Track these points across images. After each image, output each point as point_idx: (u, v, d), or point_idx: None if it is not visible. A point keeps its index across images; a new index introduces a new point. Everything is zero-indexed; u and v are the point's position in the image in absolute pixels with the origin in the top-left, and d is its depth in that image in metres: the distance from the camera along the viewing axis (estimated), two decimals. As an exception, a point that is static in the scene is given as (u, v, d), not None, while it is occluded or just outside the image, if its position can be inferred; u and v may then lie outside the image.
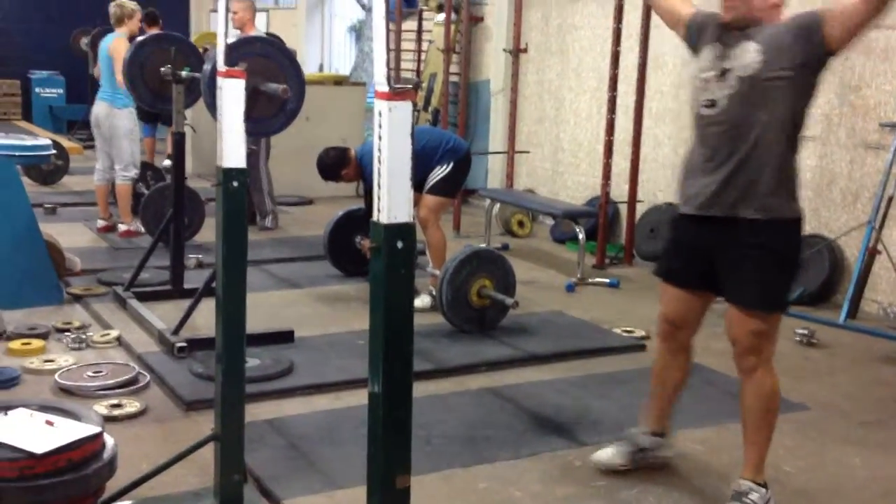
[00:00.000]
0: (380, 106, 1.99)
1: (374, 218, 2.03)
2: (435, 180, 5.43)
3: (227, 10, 3.03)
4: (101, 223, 7.32)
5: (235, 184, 2.94)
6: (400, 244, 2.03)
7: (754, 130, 2.95)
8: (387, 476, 2.10)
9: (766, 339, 3.06)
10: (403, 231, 2.03)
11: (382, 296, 2.05)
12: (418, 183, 5.42)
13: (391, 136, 1.99)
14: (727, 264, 3.07)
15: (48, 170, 9.22)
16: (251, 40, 5.24)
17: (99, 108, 7.03)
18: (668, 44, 7.18)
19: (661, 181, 7.33)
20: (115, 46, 6.82)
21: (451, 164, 5.45)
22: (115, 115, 6.97)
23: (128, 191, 7.14)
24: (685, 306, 3.27)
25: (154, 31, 8.34)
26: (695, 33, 3.20)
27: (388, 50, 1.99)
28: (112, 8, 7.07)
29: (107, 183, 7.28)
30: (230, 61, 2.96)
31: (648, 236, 7.18)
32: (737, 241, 3.02)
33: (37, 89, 14.27)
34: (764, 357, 3.07)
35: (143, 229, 6.96)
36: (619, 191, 7.19)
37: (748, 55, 2.95)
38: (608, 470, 3.41)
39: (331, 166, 5.66)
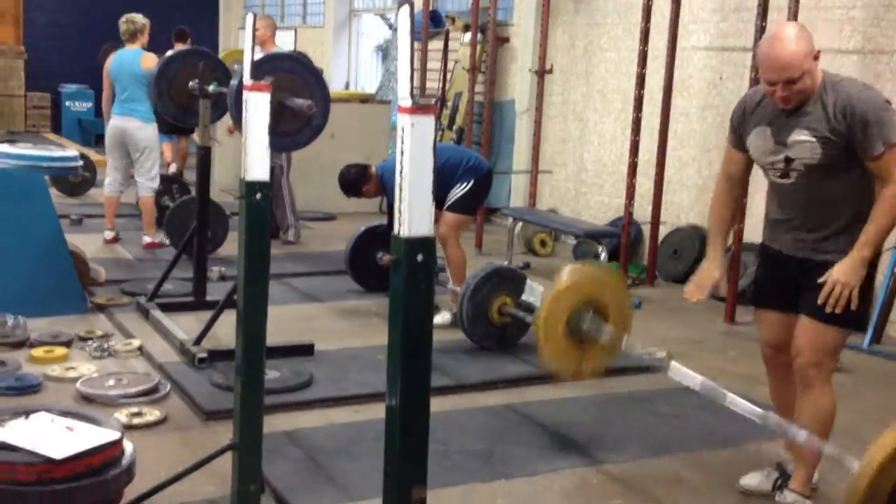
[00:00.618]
0: (402, 120, 2.01)
1: (395, 231, 2.05)
2: (455, 198, 5.45)
3: (254, 27, 3.07)
4: (109, 234, 7.37)
5: (259, 196, 2.97)
6: (420, 258, 2.05)
7: (829, 195, 3.10)
8: (403, 488, 2.10)
9: (829, 355, 3.13)
10: (424, 245, 2.04)
11: (402, 308, 2.06)
12: (438, 200, 5.44)
13: (413, 151, 2.00)
14: (809, 283, 3.14)
15: (75, 181, 9.32)
16: (278, 56, 5.31)
17: (129, 123, 7.10)
18: (693, 66, 7.19)
19: (685, 203, 7.31)
20: (150, 62, 6.86)
21: (471, 182, 5.47)
22: (146, 129, 7.11)
23: (152, 202, 7.23)
24: (782, 328, 3.32)
25: (183, 46, 8.44)
26: (740, 132, 3.30)
27: (412, 65, 2.02)
28: (122, 24, 7.19)
29: (119, 194, 7.37)
30: (256, 76, 3.00)
31: (671, 257, 7.16)
32: (821, 269, 3.11)
33: (67, 103, 14.45)
34: (823, 373, 3.13)
35: (167, 241, 7.02)
36: (643, 212, 7.18)
37: (806, 147, 3.06)
38: (748, 492, 3.41)
39: (352, 182, 5.72)
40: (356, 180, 5.71)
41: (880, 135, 2.93)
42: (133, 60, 7.11)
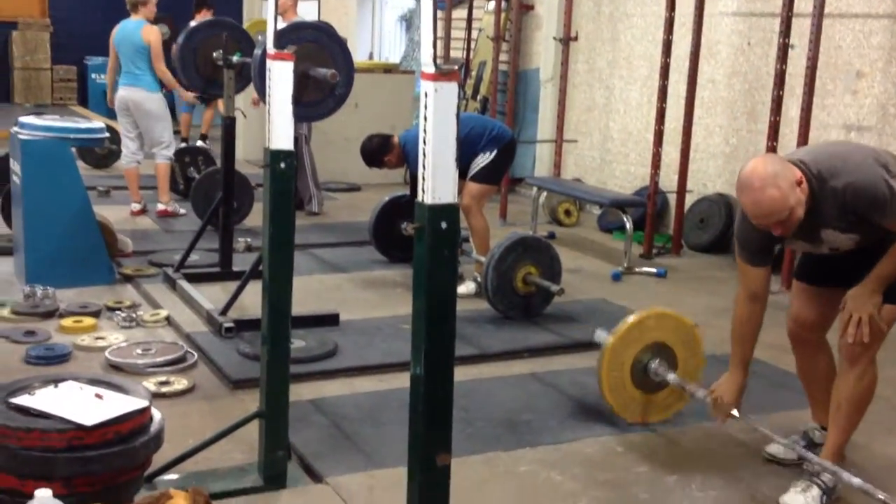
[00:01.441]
0: (426, 87, 2.00)
1: (419, 199, 2.04)
2: (479, 168, 5.43)
3: (277, -5, 3.06)
4: (136, 206, 7.40)
5: (283, 165, 2.98)
6: (444, 225, 2.05)
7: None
8: (427, 454, 2.12)
9: (877, 333, 3.05)
10: (447, 212, 2.04)
11: (425, 276, 2.07)
12: (462, 170, 5.42)
13: (436, 117, 2.00)
14: (864, 261, 3.07)
15: (102, 154, 9.37)
16: (302, 25, 5.28)
17: (135, 94, 7.18)
18: (721, 32, 7.10)
19: (712, 171, 7.24)
20: (151, 34, 7.09)
21: (494, 152, 5.44)
22: (152, 99, 7.19)
23: (168, 169, 7.35)
24: (819, 306, 3.29)
25: (206, 16, 8.44)
26: (756, 249, 3.16)
27: (435, 32, 2.00)
28: None
29: (138, 165, 7.40)
30: (279, 45, 3.00)
31: (698, 226, 7.11)
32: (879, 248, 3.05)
33: (93, 75, 14.49)
34: (871, 351, 3.08)
35: (181, 210, 7.10)
36: (669, 181, 7.13)
37: (842, 239, 3.01)
38: (775, 461, 3.41)
39: (374, 152, 5.72)
40: (378, 150, 5.70)
41: (886, 214, 2.87)
42: (134, 31, 7.17)
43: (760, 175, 2.80)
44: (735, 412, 3.29)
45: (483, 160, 5.43)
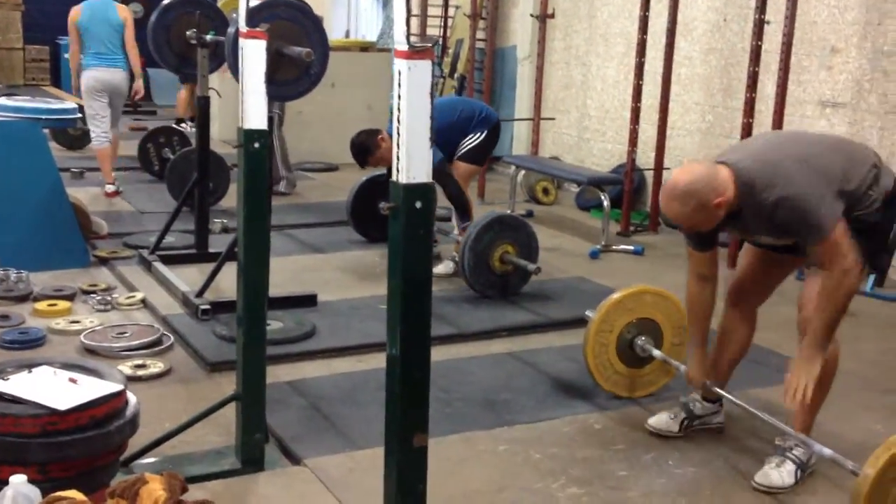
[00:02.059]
0: (399, 65, 1.97)
1: (393, 178, 2.03)
2: (467, 148, 5.44)
3: (250, -29, 3.02)
4: (110, 188, 7.31)
5: (257, 145, 2.95)
6: (419, 204, 2.03)
7: None
8: (404, 435, 2.11)
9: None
10: (422, 191, 2.03)
11: (401, 256, 2.05)
12: (450, 154, 5.41)
13: (410, 96, 1.98)
14: None
15: (75, 135, 9.27)
16: (276, 3, 5.22)
17: (115, 75, 7.19)
18: (697, 9, 7.09)
19: (689, 148, 7.25)
20: (126, 12, 7.27)
21: (484, 133, 5.46)
22: (127, 79, 7.31)
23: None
24: (761, 273, 3.31)
25: None
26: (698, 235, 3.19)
27: (409, 9, 1.98)
28: None
29: (109, 144, 7.30)
30: (252, 23, 2.96)
31: (674, 204, 7.11)
32: None
33: (65, 55, 14.28)
34: None
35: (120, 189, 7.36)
36: (646, 158, 7.14)
37: (772, 241, 3.08)
38: (658, 434, 3.44)
39: (360, 150, 5.37)
40: (364, 148, 5.33)
41: (811, 234, 2.87)
42: (107, 9, 7.18)
43: (678, 189, 2.89)
44: (709, 384, 3.37)
45: (472, 141, 5.44)
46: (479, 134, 5.45)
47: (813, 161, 2.94)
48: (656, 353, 3.65)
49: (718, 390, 3.38)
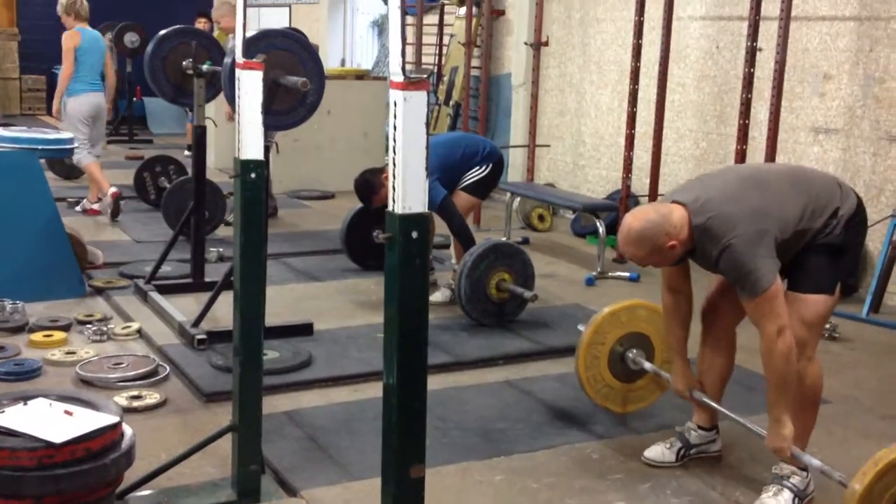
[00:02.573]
0: (395, 96, 1.99)
1: (389, 208, 2.03)
2: (471, 180, 5.45)
3: (245, 3, 3.04)
4: (114, 189, 7.49)
5: (253, 175, 2.96)
6: (415, 234, 2.03)
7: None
8: (401, 466, 2.10)
9: (811, 330, 3.08)
10: (418, 221, 2.03)
11: (397, 286, 2.05)
12: (453, 186, 5.41)
13: (406, 126, 1.99)
14: (798, 259, 3.12)
15: (71, 165, 9.27)
16: (272, 34, 5.26)
17: (102, 99, 7.67)
18: (690, 36, 7.15)
19: (683, 174, 7.28)
20: (106, 42, 7.76)
21: (489, 167, 5.48)
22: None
23: None
24: (725, 289, 3.30)
25: (206, 26, 8.86)
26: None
27: (404, 40, 1.99)
28: (84, 5, 7.61)
29: (98, 159, 7.68)
30: (249, 54, 2.98)
31: (670, 230, 7.13)
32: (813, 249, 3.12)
33: (62, 84, 14.36)
34: (808, 348, 3.09)
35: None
36: (641, 184, 7.16)
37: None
38: (653, 465, 3.43)
39: (365, 190, 5.35)
40: (369, 186, 5.30)
41: (745, 289, 2.93)
42: (99, 39, 7.71)
43: (631, 235, 3.00)
44: (696, 394, 3.41)
45: (477, 174, 5.46)
46: (483, 168, 5.47)
47: (771, 210, 2.97)
48: (647, 365, 3.66)
49: (708, 401, 3.38)
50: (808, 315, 3.05)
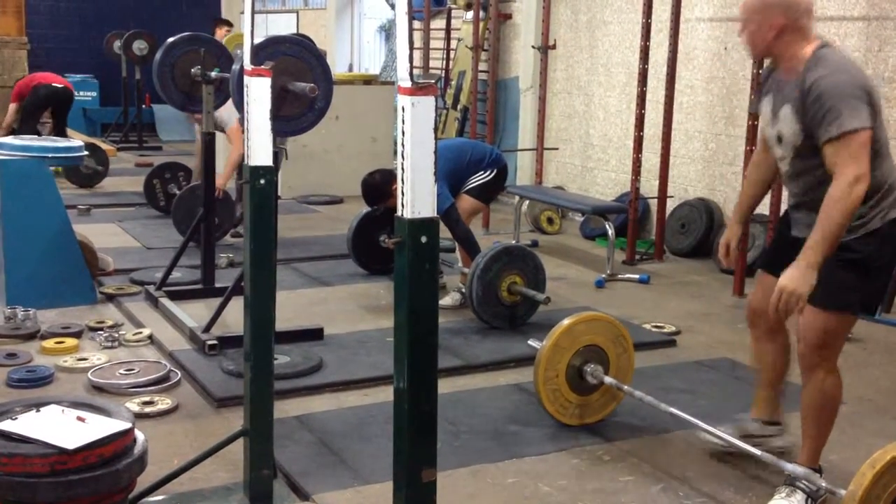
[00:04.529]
0: (402, 101, 1.99)
1: (398, 213, 2.04)
2: (476, 183, 5.46)
3: (253, 10, 3.05)
4: None
5: (263, 182, 2.96)
6: (424, 239, 2.04)
7: (820, 177, 2.97)
8: (413, 470, 2.11)
9: (831, 338, 3.05)
10: (427, 226, 2.03)
11: (407, 291, 2.06)
12: (458, 190, 5.43)
13: (414, 131, 1.99)
14: None
15: (87, 173, 9.34)
16: (279, 40, 5.27)
17: None
18: (698, 38, 7.14)
19: (692, 176, 7.28)
20: None
21: (494, 172, 5.50)
22: None
23: None
24: (770, 292, 3.23)
25: (225, 33, 8.89)
26: (761, 96, 3.26)
27: (411, 45, 2.00)
28: None
29: None
30: (257, 60, 2.99)
31: (679, 232, 7.13)
32: None
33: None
34: (826, 357, 3.06)
35: None
36: (650, 186, 7.15)
37: (789, 125, 3.02)
38: (715, 453, 3.45)
39: (376, 187, 5.37)
40: (381, 185, 5.32)
41: (832, 120, 2.83)
42: None
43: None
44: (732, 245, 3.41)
45: (483, 177, 5.47)
46: (489, 172, 5.48)
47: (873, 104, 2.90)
48: (607, 379, 3.71)
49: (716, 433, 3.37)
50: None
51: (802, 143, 2.99)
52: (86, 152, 5.96)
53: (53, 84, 10.13)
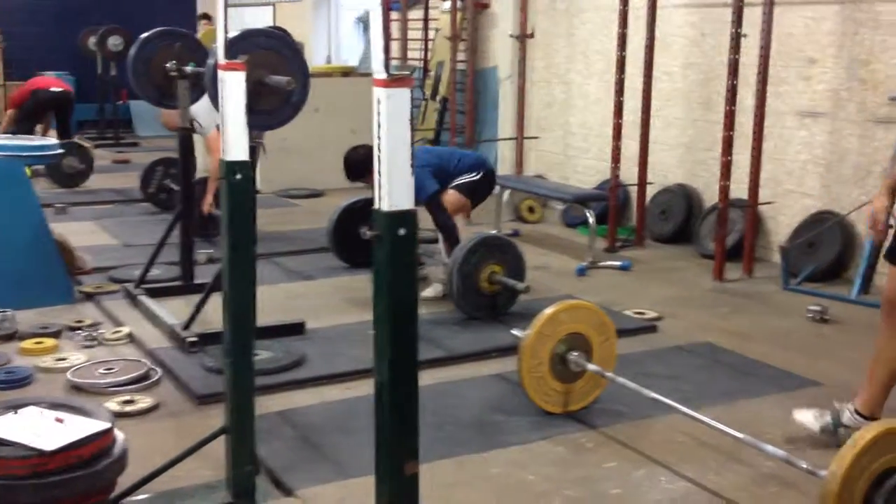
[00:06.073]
0: (378, 93, 1.98)
1: (376, 206, 2.03)
2: (463, 181, 5.54)
3: (226, 2, 3.02)
4: None
5: (239, 176, 2.94)
6: (402, 231, 2.03)
7: None
8: (394, 463, 2.10)
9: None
10: (405, 218, 2.02)
11: (386, 283, 2.05)
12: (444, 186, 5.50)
13: (390, 123, 1.98)
14: None
15: (69, 172, 9.24)
16: (254, 33, 5.23)
17: None
18: (674, 24, 7.15)
19: (671, 162, 7.29)
20: None
21: (482, 173, 5.60)
22: None
23: None
24: None
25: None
26: None
27: (387, 37, 1.98)
28: None
29: None
30: (231, 54, 2.96)
31: (659, 218, 7.15)
32: None
33: (48, 90, 14.30)
34: None
35: None
36: (629, 173, 7.16)
37: None
38: (803, 433, 3.49)
39: (359, 163, 5.44)
40: (364, 161, 5.38)
41: None
42: None
43: None
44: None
45: (471, 176, 5.57)
46: (476, 173, 5.59)
47: None
48: (591, 367, 3.73)
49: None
50: None
51: None
52: (60, 150, 5.90)
53: (52, 89, 10.02)
